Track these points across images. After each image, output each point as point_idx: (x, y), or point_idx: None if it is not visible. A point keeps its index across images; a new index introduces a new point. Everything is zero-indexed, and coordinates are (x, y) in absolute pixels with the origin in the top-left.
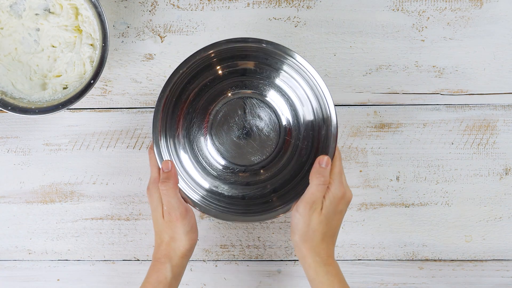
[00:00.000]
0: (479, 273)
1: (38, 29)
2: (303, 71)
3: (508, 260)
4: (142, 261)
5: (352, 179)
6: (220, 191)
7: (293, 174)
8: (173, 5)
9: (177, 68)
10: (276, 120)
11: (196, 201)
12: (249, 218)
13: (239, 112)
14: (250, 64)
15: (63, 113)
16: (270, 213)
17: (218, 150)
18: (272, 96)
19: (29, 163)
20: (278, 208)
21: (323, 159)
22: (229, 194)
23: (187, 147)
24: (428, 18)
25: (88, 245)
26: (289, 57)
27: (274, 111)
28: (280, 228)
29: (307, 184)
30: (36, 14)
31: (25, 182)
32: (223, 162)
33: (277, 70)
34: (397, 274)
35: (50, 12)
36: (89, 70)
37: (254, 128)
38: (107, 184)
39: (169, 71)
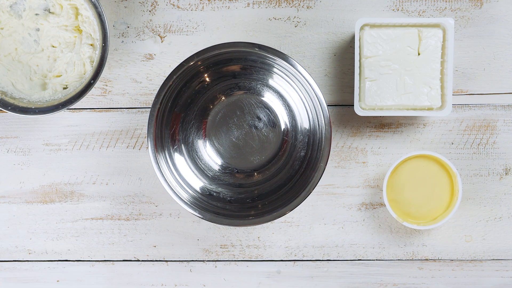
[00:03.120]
0: (479, 273)
1: (38, 29)
2: (297, 74)
3: (507, 260)
4: (142, 262)
5: (352, 179)
6: (214, 193)
7: (285, 180)
8: (173, 5)
9: (171, 73)
10: (274, 120)
11: (189, 203)
12: (235, 222)
13: (238, 113)
14: (245, 67)
15: (63, 113)
16: (257, 219)
17: (217, 151)
18: (269, 97)
19: (29, 163)
20: (265, 215)
21: None
22: (223, 196)
23: (183, 149)
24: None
25: (88, 245)
26: (282, 61)
27: (271, 112)
28: (280, 228)
29: (295, 193)
30: (36, 14)
31: (25, 182)
32: (220, 162)
33: (271, 72)
34: (396, 274)
35: (50, 12)
36: (89, 70)
37: (253, 128)
38: (107, 184)
39: (169, 71)
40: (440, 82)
